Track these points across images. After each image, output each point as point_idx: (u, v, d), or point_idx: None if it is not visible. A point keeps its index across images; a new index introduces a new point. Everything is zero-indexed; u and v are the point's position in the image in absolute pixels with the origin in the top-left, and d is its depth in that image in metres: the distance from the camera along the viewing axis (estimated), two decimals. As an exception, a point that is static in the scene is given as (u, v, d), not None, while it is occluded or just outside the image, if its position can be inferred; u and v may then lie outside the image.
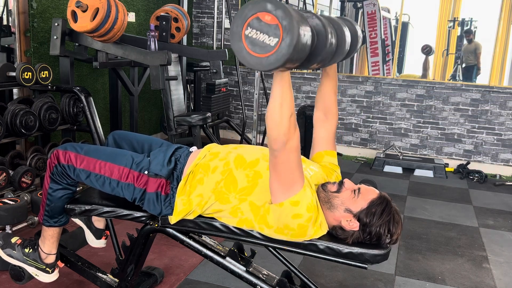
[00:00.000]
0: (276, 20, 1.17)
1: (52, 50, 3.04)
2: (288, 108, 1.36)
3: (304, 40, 1.21)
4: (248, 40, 1.21)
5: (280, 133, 1.38)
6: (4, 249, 1.94)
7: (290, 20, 1.16)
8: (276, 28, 1.17)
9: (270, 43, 1.18)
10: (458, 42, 5.37)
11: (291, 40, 1.16)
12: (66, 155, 1.78)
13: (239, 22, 1.22)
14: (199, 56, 4.00)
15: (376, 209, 1.55)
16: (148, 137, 2.06)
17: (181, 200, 1.68)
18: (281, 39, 1.17)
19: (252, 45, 1.20)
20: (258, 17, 1.19)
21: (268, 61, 1.20)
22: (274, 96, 1.36)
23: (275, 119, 1.37)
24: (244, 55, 1.22)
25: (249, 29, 1.20)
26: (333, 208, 1.59)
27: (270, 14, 1.17)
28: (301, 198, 1.48)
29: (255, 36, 1.20)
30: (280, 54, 1.18)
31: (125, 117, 4.59)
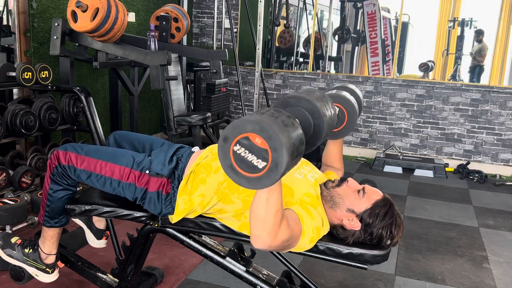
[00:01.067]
0: (266, 145, 1.14)
1: (52, 50, 3.04)
2: (274, 203, 1.27)
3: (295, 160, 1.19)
4: (235, 156, 1.18)
5: (264, 231, 1.28)
6: (4, 249, 1.94)
7: (280, 150, 1.13)
8: (266, 153, 1.15)
9: (258, 165, 1.16)
10: (458, 42, 5.37)
11: (280, 168, 1.14)
12: (67, 155, 1.78)
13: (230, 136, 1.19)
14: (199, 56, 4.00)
15: (379, 211, 1.56)
16: (149, 137, 2.06)
17: (182, 200, 1.68)
18: (269, 164, 1.15)
19: (240, 162, 1.18)
20: (248, 137, 1.16)
21: (256, 181, 1.18)
22: (260, 191, 1.27)
23: (259, 215, 1.28)
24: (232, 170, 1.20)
25: (237, 146, 1.17)
26: (335, 206, 1.59)
27: (261, 138, 1.14)
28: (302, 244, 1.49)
29: (243, 154, 1.17)
30: (268, 177, 1.16)
31: (125, 117, 4.59)
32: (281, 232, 1.31)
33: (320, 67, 5.94)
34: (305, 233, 1.46)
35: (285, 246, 1.40)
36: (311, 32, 5.76)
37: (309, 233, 1.48)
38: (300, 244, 1.47)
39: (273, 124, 1.14)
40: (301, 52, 6.23)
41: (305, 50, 6.15)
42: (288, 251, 1.62)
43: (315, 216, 1.52)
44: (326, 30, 6.18)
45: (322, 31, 6.06)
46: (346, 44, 6.11)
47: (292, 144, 1.16)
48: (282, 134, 1.14)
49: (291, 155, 1.15)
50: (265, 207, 1.26)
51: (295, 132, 1.19)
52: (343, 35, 6.05)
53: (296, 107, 1.36)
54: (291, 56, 6.23)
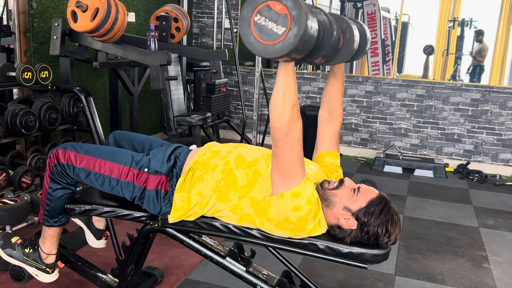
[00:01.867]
0: (285, 10, 1.19)
1: (52, 50, 3.04)
2: (291, 98, 1.37)
3: (311, 32, 1.23)
4: (256, 26, 1.23)
5: (282, 123, 1.38)
6: (4, 249, 1.93)
7: (299, 11, 1.18)
8: (285, 18, 1.20)
9: (277, 32, 1.21)
10: (458, 42, 5.37)
11: (298, 31, 1.18)
12: (66, 154, 1.78)
13: (250, 8, 1.24)
14: (199, 56, 4.00)
15: (374, 209, 1.55)
16: (149, 137, 2.07)
17: (180, 197, 1.68)
18: (288, 28, 1.19)
19: (260, 32, 1.23)
20: (269, 5, 1.22)
21: (274, 49, 1.22)
22: (278, 85, 1.37)
23: (278, 109, 1.38)
24: (251, 41, 1.25)
25: (258, 16, 1.23)
26: (332, 205, 1.59)
27: (281, 3, 1.20)
28: (302, 190, 1.48)
29: (264, 23, 1.22)
30: (286, 43, 1.20)
31: (125, 117, 4.59)
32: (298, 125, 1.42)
33: (320, 67, 5.94)
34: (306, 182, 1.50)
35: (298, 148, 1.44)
36: (311, 32, 5.75)
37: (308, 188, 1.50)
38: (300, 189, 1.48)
39: None
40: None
41: (305, 50, 6.15)
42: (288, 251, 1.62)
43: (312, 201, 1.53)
44: (326, 30, 6.17)
45: (322, 31, 6.05)
46: (346, 44, 6.10)
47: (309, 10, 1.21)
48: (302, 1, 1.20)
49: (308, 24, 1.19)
50: (282, 100, 1.37)
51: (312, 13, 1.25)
52: (343, 35, 6.04)
53: None
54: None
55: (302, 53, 1.27)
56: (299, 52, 1.24)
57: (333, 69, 1.83)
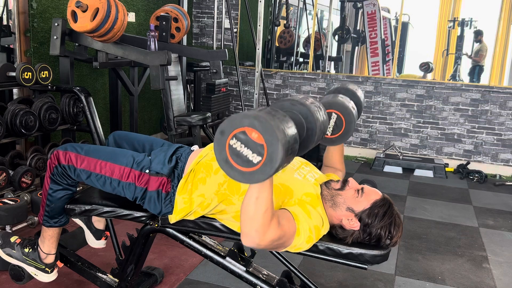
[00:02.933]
0: (262, 140, 1.16)
1: (52, 50, 3.04)
2: (264, 202, 1.28)
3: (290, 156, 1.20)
4: (231, 150, 1.20)
5: (252, 228, 1.29)
6: (3, 249, 1.93)
7: (276, 145, 1.14)
8: (262, 148, 1.16)
9: (252, 160, 1.18)
10: (458, 42, 5.37)
11: (274, 163, 1.15)
12: (67, 155, 1.78)
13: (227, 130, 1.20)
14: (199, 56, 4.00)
15: (378, 211, 1.55)
16: (149, 137, 2.06)
17: (182, 199, 1.67)
18: (264, 159, 1.16)
19: (235, 156, 1.20)
20: (245, 131, 1.18)
21: (250, 175, 1.19)
22: (251, 188, 1.29)
23: (249, 213, 1.29)
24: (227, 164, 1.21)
25: (234, 140, 1.19)
26: (336, 206, 1.59)
27: (258, 132, 1.16)
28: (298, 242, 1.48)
29: (239, 148, 1.19)
30: (262, 172, 1.17)
31: (125, 117, 4.59)
32: (270, 231, 1.31)
33: (320, 67, 5.94)
34: (300, 232, 1.46)
35: (276, 245, 1.40)
36: (311, 32, 5.76)
37: (305, 232, 1.47)
38: (295, 243, 1.47)
39: (271, 120, 1.16)
40: (301, 52, 6.23)
41: (305, 50, 6.16)
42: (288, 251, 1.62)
43: (313, 216, 1.52)
44: (326, 30, 6.18)
45: (322, 31, 6.06)
46: (346, 44, 6.11)
47: (287, 142, 1.17)
48: (278, 130, 1.15)
49: (286, 152, 1.17)
50: (254, 205, 1.28)
51: (291, 130, 1.21)
52: (343, 35, 6.05)
53: (291, 110, 1.38)
54: (291, 56, 6.23)
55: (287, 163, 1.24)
56: (283, 166, 1.22)
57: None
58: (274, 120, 1.17)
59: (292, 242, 1.46)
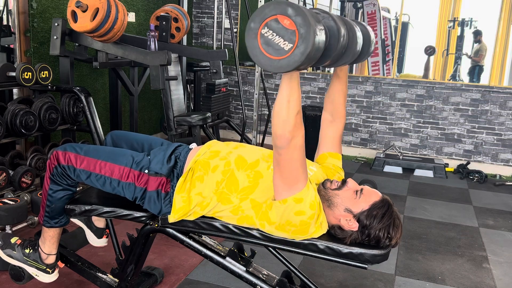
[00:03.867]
0: (294, 26, 1.16)
1: (52, 50, 3.04)
2: (295, 105, 1.35)
3: (318, 48, 1.20)
4: (263, 39, 1.20)
5: (285, 130, 1.36)
6: (4, 250, 1.93)
7: (307, 29, 1.15)
8: (293, 34, 1.16)
9: (284, 47, 1.18)
10: (458, 42, 5.37)
11: (305, 49, 1.16)
12: (66, 155, 1.78)
13: (257, 19, 1.21)
14: (199, 56, 4.00)
15: (377, 212, 1.55)
16: (148, 136, 2.06)
17: (180, 197, 1.67)
18: (295, 45, 1.16)
19: (266, 45, 1.20)
20: (277, 19, 1.18)
21: (279, 64, 1.19)
22: (282, 93, 1.35)
23: (282, 116, 1.36)
24: (257, 54, 1.22)
25: (266, 28, 1.19)
26: (333, 206, 1.59)
27: (290, 19, 1.17)
28: (305, 195, 1.48)
29: (271, 37, 1.19)
30: (292, 60, 1.17)
31: (125, 117, 4.59)
32: (301, 134, 1.40)
33: (320, 67, 5.93)
34: (308, 187, 1.49)
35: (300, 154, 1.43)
36: (311, 32, 5.75)
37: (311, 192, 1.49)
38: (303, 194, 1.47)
39: (303, 8, 1.17)
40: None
41: (305, 50, 6.14)
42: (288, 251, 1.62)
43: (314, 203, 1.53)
44: (326, 30, 6.17)
45: (322, 31, 6.05)
46: (346, 44, 6.10)
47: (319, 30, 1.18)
48: (311, 17, 1.17)
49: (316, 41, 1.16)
50: (286, 107, 1.34)
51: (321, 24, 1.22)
52: (343, 35, 6.04)
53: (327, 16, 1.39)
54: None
55: (308, 65, 1.25)
56: (305, 66, 1.22)
57: (336, 71, 1.82)
58: (307, 10, 1.18)
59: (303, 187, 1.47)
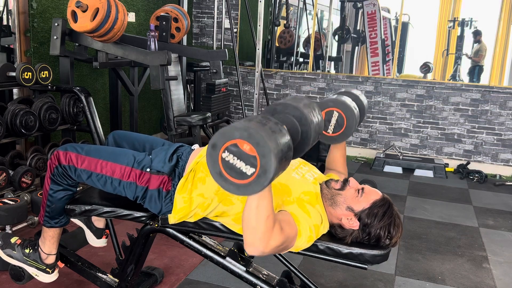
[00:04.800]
0: (254, 152, 1.14)
1: (52, 50, 3.04)
2: (264, 210, 1.28)
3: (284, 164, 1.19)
4: (224, 163, 1.18)
5: (255, 237, 1.29)
6: (3, 249, 1.93)
7: (268, 156, 1.13)
8: (254, 159, 1.15)
9: (246, 172, 1.16)
10: (458, 42, 5.37)
11: (268, 174, 1.14)
12: (67, 155, 1.78)
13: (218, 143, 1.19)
14: (199, 56, 4.00)
15: (378, 211, 1.55)
16: (150, 137, 2.06)
17: (182, 198, 1.67)
18: (258, 170, 1.15)
19: (229, 169, 1.18)
20: (237, 144, 1.16)
21: (244, 188, 1.17)
22: (250, 200, 1.29)
23: (251, 222, 1.29)
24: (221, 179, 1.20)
25: (226, 152, 1.17)
26: (335, 205, 1.59)
27: (249, 144, 1.15)
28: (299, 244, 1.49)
29: (232, 161, 1.17)
30: (257, 183, 1.16)
31: (125, 117, 4.59)
32: (274, 237, 1.31)
33: (320, 67, 5.94)
34: (301, 233, 1.46)
35: (280, 249, 1.40)
36: (311, 32, 5.76)
37: (306, 232, 1.48)
38: (297, 244, 1.47)
39: (261, 131, 1.14)
40: (301, 52, 6.23)
41: (305, 50, 6.16)
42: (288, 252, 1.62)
43: (313, 214, 1.52)
44: (326, 30, 6.18)
45: (322, 31, 6.06)
46: (346, 44, 6.11)
47: (280, 151, 1.16)
48: (270, 140, 1.14)
49: (279, 161, 1.15)
50: (255, 214, 1.27)
51: (283, 138, 1.19)
52: (343, 35, 6.05)
53: (284, 114, 1.36)
54: (291, 56, 6.23)
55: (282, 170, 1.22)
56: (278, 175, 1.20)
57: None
58: (265, 130, 1.16)
59: (294, 243, 1.46)
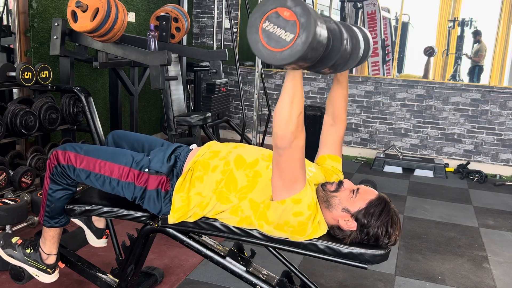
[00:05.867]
0: (294, 17, 1.18)
1: (52, 50, 3.04)
2: (298, 106, 1.36)
3: (319, 39, 1.21)
4: (264, 33, 1.22)
5: (287, 131, 1.36)
6: (4, 249, 1.94)
7: (308, 18, 1.17)
8: (294, 25, 1.18)
9: (286, 38, 1.19)
10: (458, 42, 5.37)
11: (306, 38, 1.17)
12: (66, 155, 1.78)
13: (258, 14, 1.23)
14: (199, 56, 4.00)
15: (374, 210, 1.55)
16: (149, 137, 2.06)
17: (179, 197, 1.68)
18: (297, 35, 1.18)
19: (268, 39, 1.22)
20: (277, 12, 1.20)
21: (282, 56, 1.21)
22: (285, 93, 1.35)
23: (284, 117, 1.36)
24: (259, 48, 1.24)
25: (267, 22, 1.21)
26: (331, 207, 1.59)
27: (289, 10, 1.19)
28: (303, 196, 1.48)
29: (272, 30, 1.21)
30: (294, 50, 1.19)
31: (125, 117, 4.59)
32: (302, 135, 1.41)
33: (320, 67, 5.93)
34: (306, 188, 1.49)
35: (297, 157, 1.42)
36: (311, 32, 5.76)
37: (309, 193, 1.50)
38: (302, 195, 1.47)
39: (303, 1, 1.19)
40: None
41: (305, 50, 6.15)
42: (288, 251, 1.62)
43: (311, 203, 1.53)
44: (326, 30, 6.18)
45: (322, 31, 6.06)
46: (346, 44, 6.10)
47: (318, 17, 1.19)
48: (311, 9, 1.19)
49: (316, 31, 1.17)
50: (289, 108, 1.35)
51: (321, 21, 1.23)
52: (343, 35, 6.04)
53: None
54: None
55: (310, 61, 1.25)
56: (307, 60, 1.23)
57: (337, 75, 1.83)
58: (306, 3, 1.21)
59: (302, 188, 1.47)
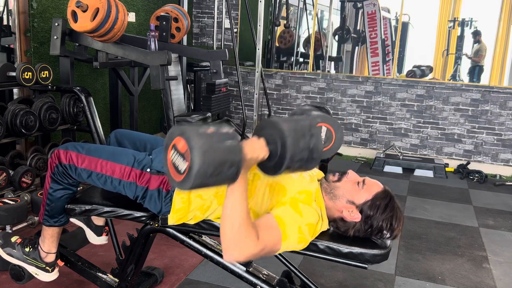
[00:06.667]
0: (186, 147, 1.20)
1: (52, 50, 3.03)
2: (237, 219, 1.31)
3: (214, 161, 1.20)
4: (170, 163, 1.27)
5: (230, 244, 1.31)
6: (4, 248, 1.94)
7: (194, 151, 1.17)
8: (187, 154, 1.20)
9: (181, 169, 1.22)
10: (458, 42, 5.37)
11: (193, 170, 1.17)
12: (67, 154, 1.78)
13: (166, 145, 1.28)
14: (199, 56, 4.00)
15: (380, 203, 1.56)
16: (151, 136, 2.07)
17: (180, 198, 1.67)
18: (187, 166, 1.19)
19: (173, 167, 1.26)
20: (175, 144, 1.24)
21: (182, 184, 1.22)
22: (224, 205, 1.32)
23: (225, 230, 1.32)
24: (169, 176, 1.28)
25: (172, 151, 1.26)
26: (335, 198, 1.59)
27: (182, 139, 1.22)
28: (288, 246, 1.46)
29: (174, 159, 1.25)
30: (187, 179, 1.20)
31: (125, 117, 4.59)
32: (248, 246, 1.32)
33: (320, 67, 5.94)
34: (287, 236, 1.44)
35: (261, 255, 1.39)
36: (311, 32, 5.76)
37: (293, 234, 1.45)
38: (285, 246, 1.45)
39: (193, 129, 1.21)
40: (301, 52, 6.23)
41: (305, 50, 6.16)
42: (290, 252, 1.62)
43: (306, 214, 1.50)
44: (326, 30, 6.19)
45: (322, 31, 6.06)
46: (346, 44, 6.11)
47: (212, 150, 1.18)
48: (199, 137, 1.19)
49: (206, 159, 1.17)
50: (229, 223, 1.31)
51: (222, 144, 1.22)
52: (343, 35, 6.05)
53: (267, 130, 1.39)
54: (291, 56, 6.23)
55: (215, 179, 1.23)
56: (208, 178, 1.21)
57: None
58: (198, 130, 1.21)
59: (280, 247, 1.44)
